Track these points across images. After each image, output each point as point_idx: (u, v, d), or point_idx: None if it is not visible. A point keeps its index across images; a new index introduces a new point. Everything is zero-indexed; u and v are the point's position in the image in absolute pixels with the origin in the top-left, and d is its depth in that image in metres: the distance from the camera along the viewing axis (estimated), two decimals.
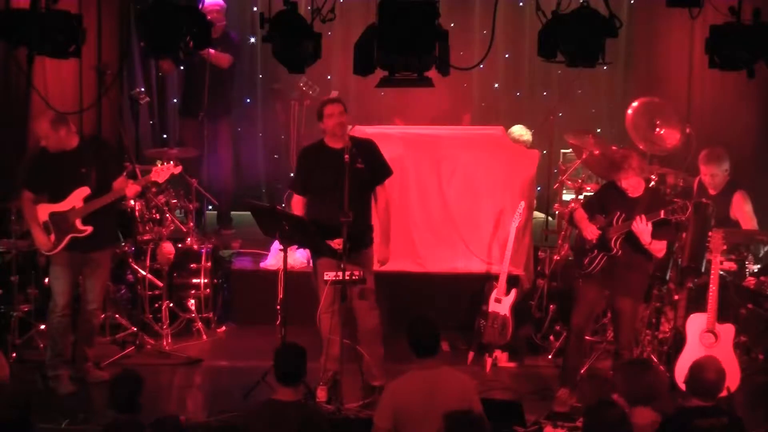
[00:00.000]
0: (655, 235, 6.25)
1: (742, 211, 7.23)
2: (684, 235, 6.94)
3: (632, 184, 6.34)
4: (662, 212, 6.20)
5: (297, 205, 6.63)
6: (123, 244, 7.66)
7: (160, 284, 7.61)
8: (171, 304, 7.66)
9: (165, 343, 7.48)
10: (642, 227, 6.21)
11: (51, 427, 5.85)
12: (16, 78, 7.68)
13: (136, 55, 9.28)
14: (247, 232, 8.83)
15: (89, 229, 6.57)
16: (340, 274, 6.13)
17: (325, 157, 6.46)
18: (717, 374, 4.93)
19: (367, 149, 6.50)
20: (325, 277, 6.25)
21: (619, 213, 6.37)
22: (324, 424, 4.89)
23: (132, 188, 6.72)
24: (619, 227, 6.35)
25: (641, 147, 7.94)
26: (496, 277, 7.36)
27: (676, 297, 7.02)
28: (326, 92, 9.58)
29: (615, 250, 6.38)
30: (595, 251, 6.46)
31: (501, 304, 7.25)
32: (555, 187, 8.69)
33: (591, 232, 6.44)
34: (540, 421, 6.04)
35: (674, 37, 9.15)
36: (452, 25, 9.13)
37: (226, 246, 8.72)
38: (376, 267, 6.63)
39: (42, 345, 7.05)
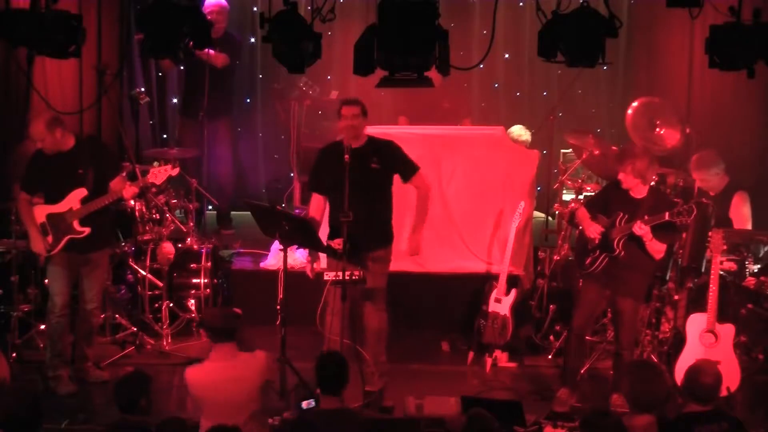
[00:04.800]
0: (657, 237, 6.19)
1: (739, 212, 7.24)
2: (684, 235, 6.94)
3: (630, 184, 6.29)
4: (667, 214, 6.12)
5: (314, 204, 6.66)
6: (123, 244, 7.66)
7: (160, 284, 7.60)
8: (171, 304, 7.66)
9: (165, 343, 7.48)
10: (644, 231, 6.15)
11: (51, 427, 5.82)
12: (16, 78, 7.68)
13: (136, 55, 9.27)
14: (247, 232, 8.82)
15: (87, 230, 6.57)
16: (339, 273, 6.14)
17: (339, 156, 6.40)
18: (714, 378, 4.88)
19: (385, 149, 6.53)
20: (326, 277, 6.26)
21: (622, 214, 6.32)
22: (371, 426, 5.05)
23: (129, 190, 6.70)
24: (622, 228, 6.30)
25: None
26: (496, 277, 7.35)
27: (676, 297, 7.02)
28: (326, 92, 9.61)
29: (618, 251, 6.33)
30: (597, 251, 6.43)
31: (501, 304, 7.25)
32: (555, 187, 8.68)
33: (594, 231, 6.39)
34: (540, 421, 6.02)
35: (674, 37, 9.14)
36: (452, 25, 9.11)
37: (226, 246, 8.71)
38: (408, 257, 6.72)
39: (42, 345, 7.05)
